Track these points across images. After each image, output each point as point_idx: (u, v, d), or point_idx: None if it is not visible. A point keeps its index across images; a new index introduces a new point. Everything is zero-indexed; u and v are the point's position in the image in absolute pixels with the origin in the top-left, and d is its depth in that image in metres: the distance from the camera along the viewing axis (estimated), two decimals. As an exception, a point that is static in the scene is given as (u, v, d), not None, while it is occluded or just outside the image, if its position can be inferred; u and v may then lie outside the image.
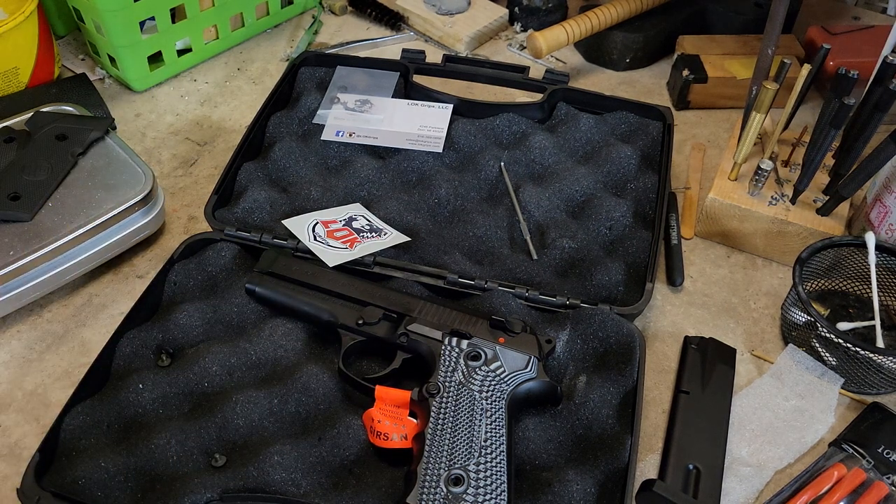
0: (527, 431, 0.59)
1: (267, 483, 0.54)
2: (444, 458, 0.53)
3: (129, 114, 0.90)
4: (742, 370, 0.66)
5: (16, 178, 0.71)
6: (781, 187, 0.75)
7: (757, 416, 0.63)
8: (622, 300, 0.67)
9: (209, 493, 0.53)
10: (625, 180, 0.78)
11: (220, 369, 0.61)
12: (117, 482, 0.54)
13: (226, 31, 0.97)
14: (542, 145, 0.80)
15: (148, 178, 0.73)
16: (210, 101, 0.92)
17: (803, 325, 0.66)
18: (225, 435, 0.57)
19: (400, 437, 0.56)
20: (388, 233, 0.71)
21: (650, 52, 0.98)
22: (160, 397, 0.59)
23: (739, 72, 0.90)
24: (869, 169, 0.67)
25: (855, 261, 0.69)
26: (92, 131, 0.76)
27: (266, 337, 0.63)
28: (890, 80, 0.65)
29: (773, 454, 0.60)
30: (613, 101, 0.84)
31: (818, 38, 0.93)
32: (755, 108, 0.70)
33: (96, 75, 0.94)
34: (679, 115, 0.91)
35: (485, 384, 0.57)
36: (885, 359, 0.61)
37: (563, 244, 0.72)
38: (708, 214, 0.75)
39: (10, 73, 0.84)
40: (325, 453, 0.57)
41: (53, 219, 0.69)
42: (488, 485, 0.52)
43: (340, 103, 0.84)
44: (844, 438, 0.60)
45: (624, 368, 0.61)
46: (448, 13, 1.03)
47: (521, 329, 0.61)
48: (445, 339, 0.60)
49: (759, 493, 0.58)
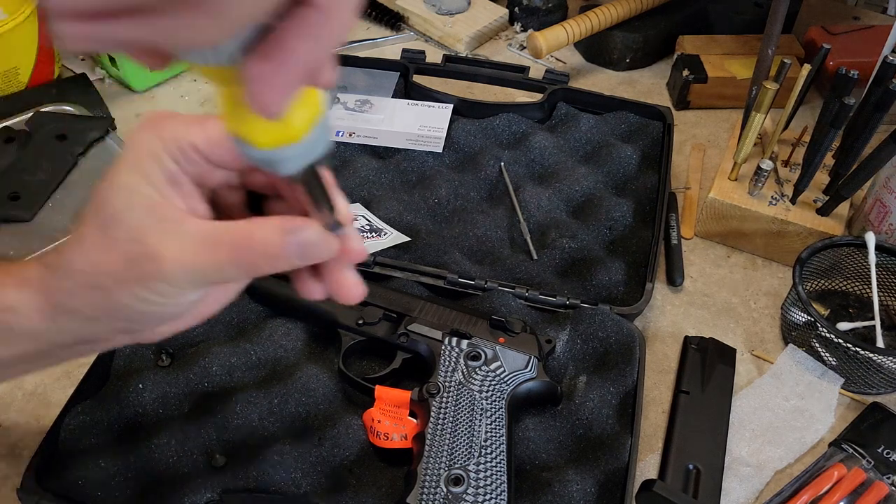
0: (527, 431, 0.59)
1: (267, 483, 0.54)
2: (444, 458, 0.53)
3: (129, 114, 0.90)
4: (742, 370, 0.66)
5: (16, 178, 0.71)
6: (781, 187, 0.75)
7: (757, 416, 0.63)
8: (622, 300, 0.67)
9: (209, 493, 0.53)
10: (625, 180, 0.78)
11: (221, 369, 0.61)
12: (117, 482, 0.54)
13: (226, 31, 0.97)
14: (542, 145, 0.80)
15: (148, 178, 0.72)
16: (210, 102, 0.92)
17: (803, 325, 0.66)
18: (225, 435, 0.57)
19: (400, 437, 0.56)
20: (388, 233, 0.71)
21: (650, 52, 0.98)
22: (160, 397, 0.59)
23: (739, 72, 0.90)
24: (869, 169, 0.67)
25: (855, 261, 0.69)
26: (92, 131, 0.76)
27: (266, 337, 0.63)
28: (890, 80, 0.65)
29: (773, 454, 0.60)
30: (613, 101, 0.84)
31: (818, 38, 0.93)
32: (755, 108, 0.70)
33: (96, 75, 0.94)
34: (679, 115, 0.91)
35: (485, 384, 0.57)
36: (884, 359, 0.61)
37: (563, 244, 0.72)
38: (708, 214, 0.75)
39: (10, 73, 0.84)
40: (325, 453, 0.57)
41: (53, 219, 0.69)
42: (488, 485, 0.52)
43: (340, 103, 0.84)
44: (844, 438, 0.60)
45: (624, 368, 0.61)
46: (448, 13, 1.03)
47: (521, 329, 0.61)
48: (445, 339, 0.60)
49: (759, 493, 0.58)
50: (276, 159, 0.30)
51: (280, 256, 0.38)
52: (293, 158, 0.31)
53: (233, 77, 0.27)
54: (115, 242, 0.38)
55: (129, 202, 0.38)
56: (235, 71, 0.26)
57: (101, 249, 0.38)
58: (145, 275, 0.37)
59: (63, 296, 0.40)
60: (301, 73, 0.27)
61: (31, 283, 0.41)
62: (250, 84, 0.26)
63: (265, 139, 0.29)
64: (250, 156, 0.30)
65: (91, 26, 0.23)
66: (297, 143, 0.30)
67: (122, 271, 0.38)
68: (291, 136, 0.30)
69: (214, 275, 0.38)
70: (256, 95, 0.26)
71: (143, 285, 0.38)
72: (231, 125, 0.30)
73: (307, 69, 0.27)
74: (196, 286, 0.39)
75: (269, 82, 0.26)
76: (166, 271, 0.37)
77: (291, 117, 0.29)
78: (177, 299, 0.39)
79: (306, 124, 0.30)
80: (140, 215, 0.38)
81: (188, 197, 0.40)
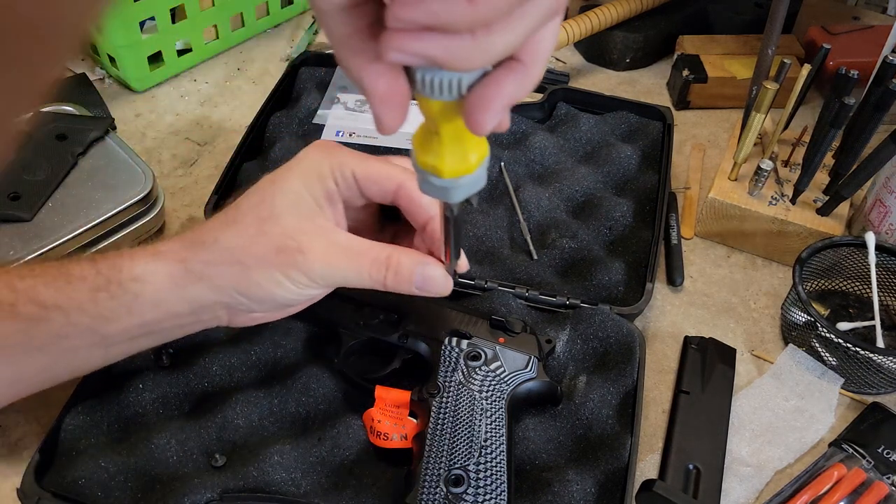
0: (527, 431, 0.59)
1: (267, 483, 0.54)
2: (444, 458, 0.53)
3: (129, 114, 0.90)
4: (742, 370, 0.66)
5: (15, 178, 0.71)
6: (781, 187, 0.75)
7: (757, 416, 0.63)
8: (622, 300, 0.67)
9: (209, 494, 0.53)
10: (625, 180, 0.78)
11: (221, 369, 0.61)
12: (117, 482, 0.54)
13: (226, 31, 0.97)
14: (542, 145, 0.80)
15: (148, 178, 0.73)
16: (210, 101, 0.92)
17: (803, 325, 0.66)
18: (225, 435, 0.57)
19: (400, 437, 0.56)
20: (388, 233, 0.71)
21: (650, 51, 0.98)
22: (160, 397, 0.59)
23: (739, 72, 0.90)
24: (869, 169, 0.67)
25: (855, 261, 0.69)
26: (92, 131, 0.76)
27: (266, 337, 0.63)
28: (890, 80, 0.65)
29: (773, 454, 0.60)
30: (613, 100, 0.84)
31: (818, 38, 0.93)
32: (755, 108, 0.70)
33: (96, 75, 0.94)
34: (679, 115, 0.91)
35: (485, 384, 0.57)
36: (884, 359, 0.61)
37: (563, 244, 0.72)
38: (708, 214, 0.75)
39: (10, 73, 0.84)
40: (325, 453, 0.57)
41: (53, 219, 0.69)
42: (488, 485, 0.52)
43: (340, 103, 0.84)
44: (844, 438, 0.60)
45: (624, 368, 0.61)
46: (448, 13, 1.03)
47: (521, 329, 0.61)
48: (445, 339, 0.60)
49: (759, 493, 0.58)
50: (451, 187, 0.37)
51: (406, 280, 0.47)
52: (464, 188, 0.37)
53: (450, 111, 0.33)
54: (270, 234, 0.46)
55: (291, 206, 0.47)
56: (455, 105, 0.33)
57: (255, 237, 0.46)
58: (290, 263, 0.46)
59: (201, 265, 0.47)
60: (505, 108, 0.33)
61: (165, 255, 0.48)
62: (471, 107, 0.32)
63: (451, 170, 0.36)
64: (433, 183, 0.37)
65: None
66: (471, 174, 0.37)
67: (270, 256, 0.46)
68: (468, 169, 0.37)
69: (352, 278, 0.47)
70: (475, 116, 0.32)
71: (284, 271, 0.46)
72: (426, 159, 0.36)
73: (507, 106, 0.33)
74: (326, 284, 0.47)
75: (485, 107, 0.32)
76: (310, 264, 0.46)
77: (471, 153, 0.36)
78: (303, 290, 0.47)
79: (479, 160, 0.37)
80: (298, 218, 0.46)
81: (337, 213, 0.49)
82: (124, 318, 0.48)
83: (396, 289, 0.48)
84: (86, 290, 0.48)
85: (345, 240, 0.48)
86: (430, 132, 0.36)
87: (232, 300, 0.49)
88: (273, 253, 0.46)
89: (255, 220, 0.47)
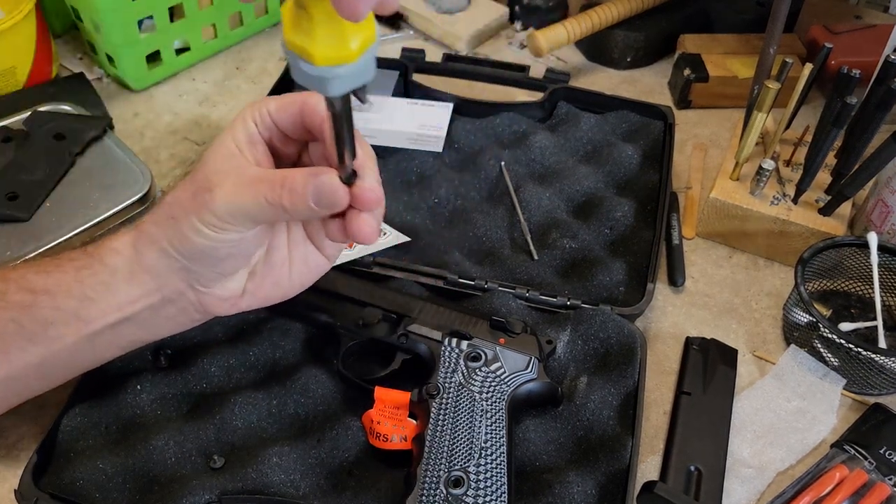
0: (527, 433, 0.58)
1: (266, 485, 0.54)
2: (444, 459, 0.52)
3: (128, 113, 0.90)
4: (744, 371, 0.66)
5: (14, 178, 0.70)
6: (783, 187, 0.74)
7: (758, 418, 0.62)
8: (623, 300, 0.67)
9: (208, 495, 0.53)
10: (626, 180, 0.78)
11: (219, 370, 0.61)
12: (115, 483, 0.54)
13: (224, 30, 0.97)
14: (542, 145, 0.80)
15: (146, 177, 0.72)
16: (209, 101, 0.92)
17: (805, 325, 0.66)
18: (223, 436, 0.57)
19: (400, 438, 0.56)
20: (387, 233, 0.71)
21: (651, 51, 0.98)
22: (158, 398, 0.59)
23: (741, 71, 0.90)
24: (871, 168, 0.67)
25: (857, 261, 0.69)
26: (90, 131, 0.76)
27: (265, 337, 0.62)
28: (892, 80, 0.64)
29: (774, 455, 0.60)
30: (614, 100, 0.84)
31: (820, 38, 0.92)
32: (757, 108, 0.70)
33: (94, 74, 0.94)
34: (680, 115, 0.91)
35: (485, 385, 0.57)
36: (887, 359, 0.61)
37: (563, 244, 0.71)
38: (709, 214, 0.75)
39: (8, 73, 0.83)
40: (324, 455, 0.56)
41: (51, 218, 0.68)
42: (488, 486, 0.51)
43: (340, 102, 0.83)
44: (846, 439, 0.60)
45: (625, 369, 0.61)
46: (448, 12, 1.02)
47: (521, 330, 0.61)
48: (445, 340, 0.59)
49: (761, 495, 0.58)
50: (328, 77, 0.32)
51: (300, 197, 0.44)
52: (343, 79, 0.33)
53: None
54: (193, 182, 0.47)
55: (214, 153, 0.47)
56: None
57: (183, 187, 0.48)
58: (200, 205, 0.46)
59: (148, 225, 0.49)
60: None
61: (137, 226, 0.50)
62: None
63: (324, 55, 0.31)
64: (305, 71, 0.32)
65: None
66: (351, 63, 0.32)
67: (188, 201, 0.46)
68: (348, 56, 0.32)
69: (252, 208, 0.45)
70: None
71: (198, 215, 0.46)
72: (294, 39, 0.31)
73: None
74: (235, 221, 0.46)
75: None
76: (215, 202, 0.45)
77: (350, 38, 0.31)
78: (218, 234, 0.46)
79: (362, 47, 0.32)
80: (218, 163, 0.47)
81: (258, 153, 0.49)
82: (103, 297, 0.49)
83: (295, 210, 0.45)
84: (72, 271, 0.49)
85: (253, 172, 0.47)
86: (300, 5, 0.31)
87: (181, 266, 0.48)
88: (190, 199, 0.46)
89: (190, 175, 0.48)
